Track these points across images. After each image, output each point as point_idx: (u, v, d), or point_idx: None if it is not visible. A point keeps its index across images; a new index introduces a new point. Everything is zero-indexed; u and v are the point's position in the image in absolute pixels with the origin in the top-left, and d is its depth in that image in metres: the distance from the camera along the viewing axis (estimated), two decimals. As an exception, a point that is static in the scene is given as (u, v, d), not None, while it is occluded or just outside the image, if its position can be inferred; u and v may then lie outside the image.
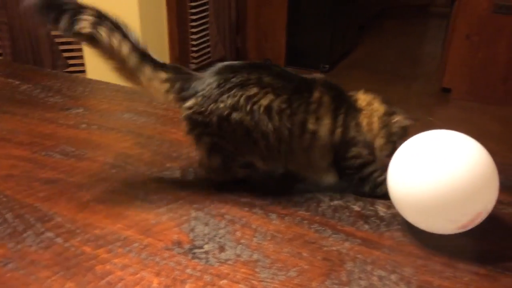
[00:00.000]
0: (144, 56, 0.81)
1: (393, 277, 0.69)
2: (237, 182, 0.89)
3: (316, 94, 0.85)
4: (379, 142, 0.87)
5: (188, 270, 0.69)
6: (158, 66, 0.82)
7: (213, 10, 3.33)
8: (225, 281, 0.68)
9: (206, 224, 0.79)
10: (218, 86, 0.81)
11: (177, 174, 0.93)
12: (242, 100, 0.80)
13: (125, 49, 0.79)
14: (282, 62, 3.97)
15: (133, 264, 0.70)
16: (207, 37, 3.43)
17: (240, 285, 0.67)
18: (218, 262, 0.71)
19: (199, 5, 3.22)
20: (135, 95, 1.28)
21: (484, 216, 0.73)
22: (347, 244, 0.75)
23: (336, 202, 0.86)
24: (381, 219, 0.82)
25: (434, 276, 0.69)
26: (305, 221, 0.81)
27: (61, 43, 2.82)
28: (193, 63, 3.38)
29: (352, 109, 0.87)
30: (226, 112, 0.80)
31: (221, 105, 0.80)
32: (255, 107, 0.80)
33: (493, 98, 3.35)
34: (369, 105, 0.87)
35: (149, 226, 0.79)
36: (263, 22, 3.96)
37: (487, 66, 3.30)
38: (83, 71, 2.86)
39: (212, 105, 0.80)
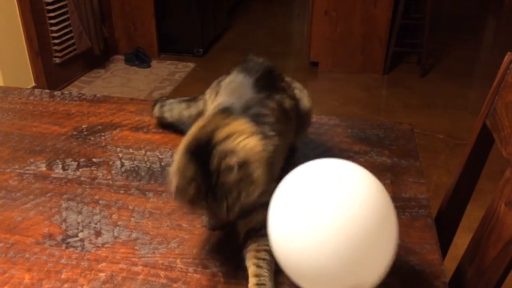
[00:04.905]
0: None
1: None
2: None
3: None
4: None
5: (63, 260, 0.66)
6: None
7: (72, -2, 3.11)
8: (104, 264, 0.66)
9: (80, 213, 0.76)
10: None
11: (42, 167, 0.88)
12: None
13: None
14: (155, 50, 3.87)
15: (0, 264, 0.65)
16: (70, 28, 3.20)
17: (120, 265, 0.66)
18: (95, 247, 0.69)
19: (54, -7, 2.99)
20: (-14, 92, 1.16)
21: None
22: (224, 210, 0.78)
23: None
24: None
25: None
26: (183, 195, 0.82)
27: None
28: (57, 57, 3.14)
29: None
30: None
31: None
32: None
33: (354, 67, 3.66)
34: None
35: (15, 223, 0.73)
36: (129, 9, 3.81)
37: (346, 38, 3.59)
38: None
39: None
